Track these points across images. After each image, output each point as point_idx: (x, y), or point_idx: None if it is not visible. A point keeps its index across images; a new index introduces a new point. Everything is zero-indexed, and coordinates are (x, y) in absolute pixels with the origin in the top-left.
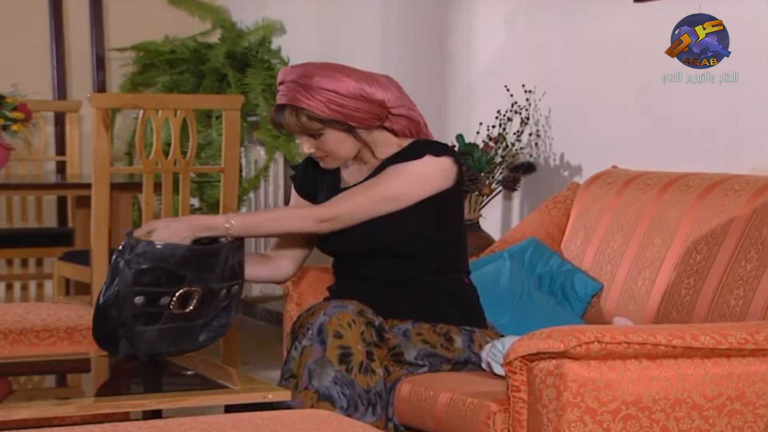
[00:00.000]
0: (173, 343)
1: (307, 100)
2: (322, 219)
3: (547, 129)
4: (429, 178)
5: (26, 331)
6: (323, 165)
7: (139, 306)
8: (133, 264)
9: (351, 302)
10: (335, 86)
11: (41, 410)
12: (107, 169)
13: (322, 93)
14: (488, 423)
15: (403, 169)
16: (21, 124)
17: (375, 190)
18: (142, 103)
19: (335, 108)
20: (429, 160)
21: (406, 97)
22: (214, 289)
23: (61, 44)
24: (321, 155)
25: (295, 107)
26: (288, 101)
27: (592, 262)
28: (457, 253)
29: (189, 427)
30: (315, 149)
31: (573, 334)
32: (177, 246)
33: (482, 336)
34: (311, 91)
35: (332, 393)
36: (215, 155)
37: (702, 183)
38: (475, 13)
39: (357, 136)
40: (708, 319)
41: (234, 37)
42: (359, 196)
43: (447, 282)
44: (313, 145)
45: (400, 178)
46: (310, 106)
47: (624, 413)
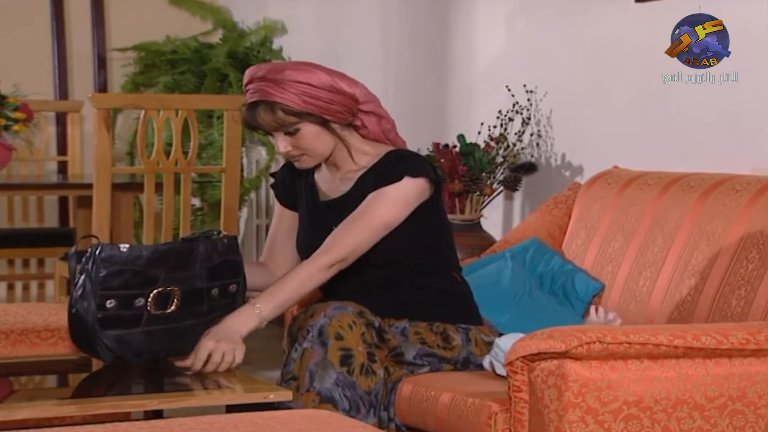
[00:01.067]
0: (167, 344)
1: (280, 93)
2: (330, 264)
3: (549, 129)
4: (409, 199)
5: (27, 331)
6: (299, 165)
7: (111, 309)
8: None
9: (350, 303)
10: (307, 78)
11: (42, 410)
12: (109, 169)
13: (295, 86)
14: (489, 423)
15: (386, 195)
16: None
17: (367, 222)
18: (144, 103)
19: (309, 100)
20: (407, 182)
21: (373, 95)
22: (199, 287)
23: (62, 44)
24: (297, 154)
25: (269, 102)
26: (260, 98)
27: (593, 262)
28: (445, 252)
29: (190, 427)
30: (291, 147)
31: (574, 334)
32: (143, 247)
33: (478, 333)
34: (283, 84)
35: (334, 395)
36: (216, 155)
37: (703, 183)
38: (476, 13)
39: (332, 130)
40: (709, 319)
41: (235, 37)
42: (357, 233)
43: (439, 282)
44: (289, 143)
45: (386, 205)
46: (284, 100)
47: (625, 413)
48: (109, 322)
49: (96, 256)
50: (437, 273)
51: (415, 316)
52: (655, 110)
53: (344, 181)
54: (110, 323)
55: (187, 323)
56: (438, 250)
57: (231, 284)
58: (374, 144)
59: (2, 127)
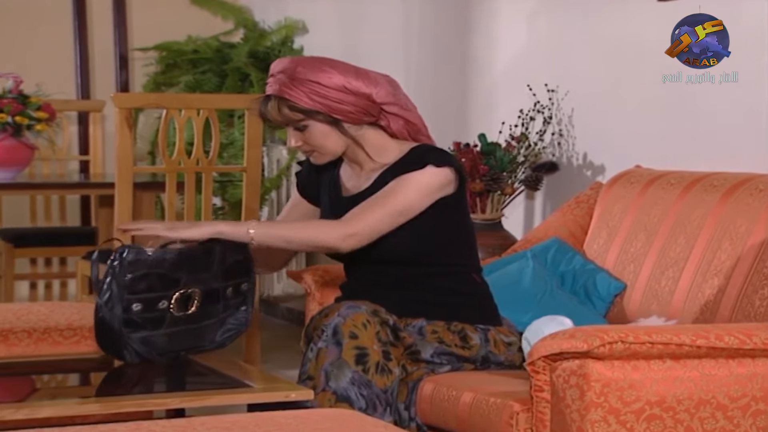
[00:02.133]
0: (187, 344)
1: (289, 90)
2: (347, 234)
3: (570, 128)
4: (431, 189)
5: (50, 330)
6: (313, 160)
7: (137, 313)
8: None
9: (364, 302)
10: (317, 77)
11: (65, 409)
12: (130, 169)
13: (305, 84)
14: (511, 423)
15: (408, 180)
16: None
17: (389, 203)
18: (165, 102)
19: (317, 99)
20: (430, 170)
21: (402, 96)
22: (215, 288)
23: (84, 44)
24: (308, 149)
25: (277, 98)
26: (272, 92)
27: (615, 261)
28: (466, 253)
29: (212, 426)
30: (301, 143)
31: (596, 334)
32: (167, 251)
33: (497, 334)
34: (294, 81)
35: (350, 394)
36: (237, 155)
37: (726, 182)
38: (497, 12)
39: (343, 130)
40: (732, 319)
41: (256, 36)
42: (376, 210)
43: (458, 283)
44: (299, 138)
45: (407, 189)
46: (292, 97)
47: (648, 413)
48: (134, 325)
49: (122, 260)
50: (457, 274)
51: (432, 316)
52: (678, 109)
53: (367, 177)
54: (135, 326)
55: (205, 323)
56: (459, 249)
57: (243, 283)
58: (401, 142)
59: (25, 126)
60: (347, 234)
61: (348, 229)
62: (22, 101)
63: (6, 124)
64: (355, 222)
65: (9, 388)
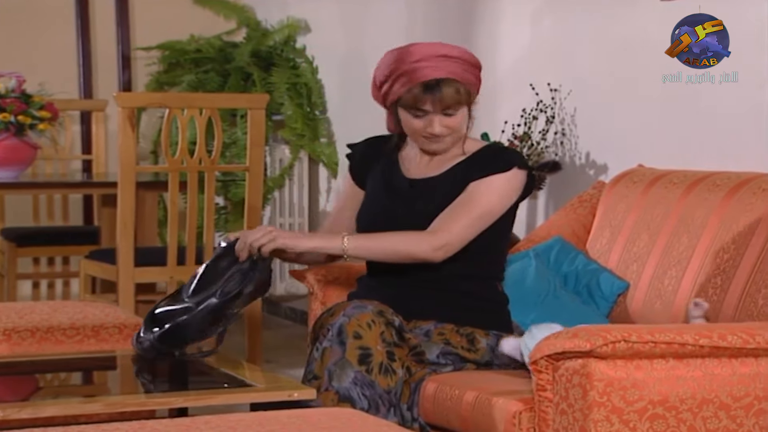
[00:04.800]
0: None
1: (469, 77)
2: (439, 246)
3: (573, 127)
4: (511, 192)
5: (53, 329)
6: (436, 147)
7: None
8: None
9: (371, 302)
10: (473, 59)
11: (68, 408)
12: (133, 168)
13: (478, 73)
14: (514, 422)
15: (492, 184)
16: (47, 123)
17: (474, 208)
18: (168, 102)
19: (478, 85)
20: (514, 173)
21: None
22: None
23: (87, 43)
24: (446, 134)
25: (459, 83)
26: (451, 75)
27: (617, 261)
28: (498, 260)
29: (215, 425)
30: (444, 128)
31: (599, 333)
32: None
33: None
34: (475, 69)
35: (352, 394)
36: (240, 154)
37: (729, 182)
38: (501, 12)
39: (471, 115)
40: (735, 318)
41: (259, 36)
42: (462, 217)
43: (482, 289)
44: (443, 123)
45: (491, 193)
46: (467, 82)
47: (651, 413)
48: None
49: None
50: (484, 280)
51: (443, 319)
52: (680, 109)
53: (436, 164)
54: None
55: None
56: (493, 256)
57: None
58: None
59: (28, 125)
60: (439, 246)
61: (439, 240)
62: (25, 100)
63: (9, 123)
64: (445, 233)
65: (13, 387)
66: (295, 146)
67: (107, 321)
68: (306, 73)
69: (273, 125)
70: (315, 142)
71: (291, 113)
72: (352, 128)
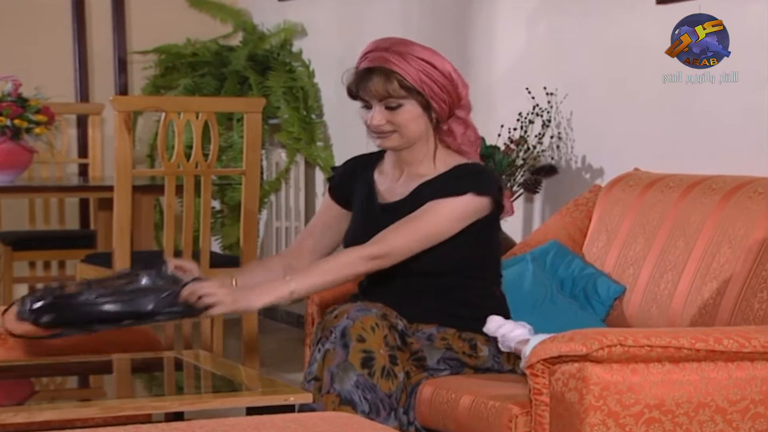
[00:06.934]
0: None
1: (400, 65)
2: (374, 256)
3: (569, 131)
4: (465, 216)
5: None
6: (382, 143)
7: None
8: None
9: (375, 305)
10: (431, 58)
11: (64, 412)
12: (129, 172)
13: (418, 62)
14: (510, 426)
15: (441, 207)
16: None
17: (420, 227)
18: (164, 105)
19: (426, 80)
20: (469, 199)
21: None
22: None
23: (83, 47)
24: (389, 130)
25: (386, 71)
26: (378, 65)
27: (614, 265)
28: (491, 267)
29: (211, 429)
30: (385, 122)
31: (595, 337)
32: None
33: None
34: (407, 57)
35: (354, 397)
36: (236, 158)
37: (725, 186)
38: (496, 16)
39: (430, 118)
40: (731, 322)
41: (255, 39)
42: (406, 233)
43: (479, 296)
44: (385, 116)
45: (439, 216)
46: (402, 71)
47: (647, 416)
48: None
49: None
50: (479, 288)
51: (445, 323)
52: (677, 112)
53: (404, 186)
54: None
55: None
56: (484, 263)
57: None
58: (448, 153)
59: (24, 129)
60: (372, 256)
61: (373, 251)
62: (21, 104)
63: (5, 127)
64: (384, 245)
65: (8, 391)
66: (292, 150)
67: None
68: (302, 76)
69: (269, 129)
70: (311, 146)
71: (287, 117)
72: (349, 132)
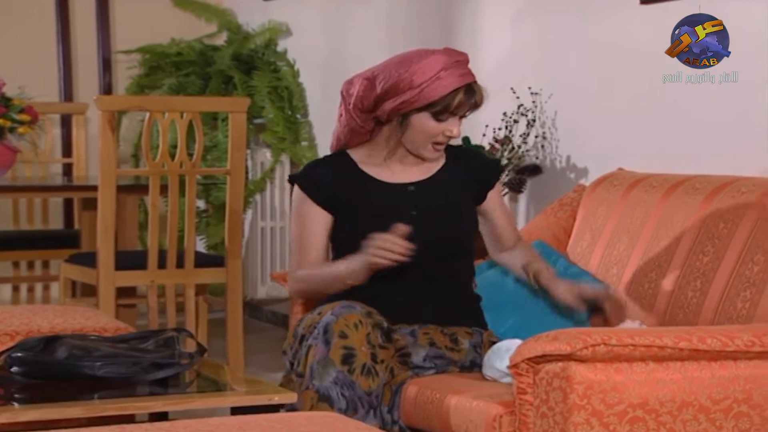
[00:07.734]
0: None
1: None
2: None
3: (554, 131)
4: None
5: (33, 333)
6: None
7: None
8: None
9: (359, 303)
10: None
11: (47, 412)
12: (113, 171)
13: None
14: (494, 426)
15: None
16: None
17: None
18: (149, 105)
19: None
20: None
21: None
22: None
23: (67, 47)
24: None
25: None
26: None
27: (598, 264)
28: (472, 257)
29: (195, 429)
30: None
31: (579, 336)
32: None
33: (488, 338)
34: None
35: (331, 393)
36: (221, 157)
37: (708, 185)
38: (481, 15)
39: None
40: (715, 321)
41: (240, 39)
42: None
43: (465, 287)
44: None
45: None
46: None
47: (631, 416)
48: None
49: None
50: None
51: (428, 320)
52: (661, 112)
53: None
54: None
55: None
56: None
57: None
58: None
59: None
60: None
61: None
62: (4, 104)
63: None
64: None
65: None
66: (277, 149)
67: (87, 325)
68: (287, 76)
69: (254, 128)
70: (296, 146)
71: (272, 116)
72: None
